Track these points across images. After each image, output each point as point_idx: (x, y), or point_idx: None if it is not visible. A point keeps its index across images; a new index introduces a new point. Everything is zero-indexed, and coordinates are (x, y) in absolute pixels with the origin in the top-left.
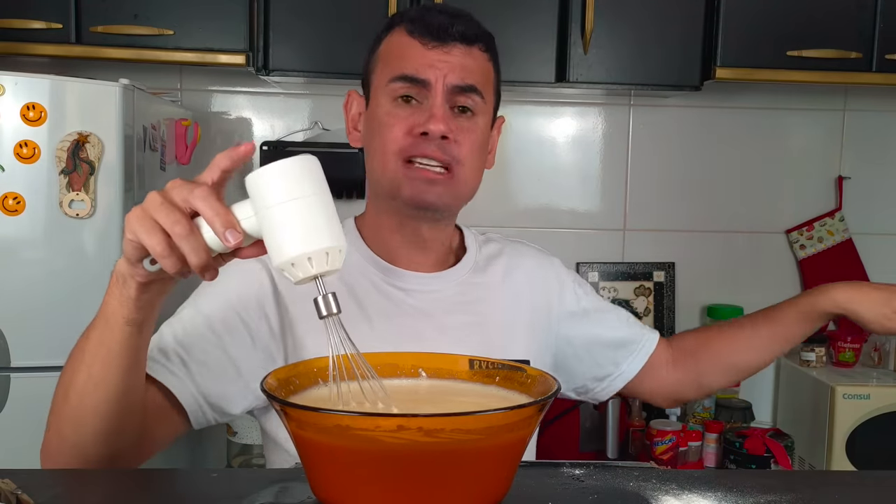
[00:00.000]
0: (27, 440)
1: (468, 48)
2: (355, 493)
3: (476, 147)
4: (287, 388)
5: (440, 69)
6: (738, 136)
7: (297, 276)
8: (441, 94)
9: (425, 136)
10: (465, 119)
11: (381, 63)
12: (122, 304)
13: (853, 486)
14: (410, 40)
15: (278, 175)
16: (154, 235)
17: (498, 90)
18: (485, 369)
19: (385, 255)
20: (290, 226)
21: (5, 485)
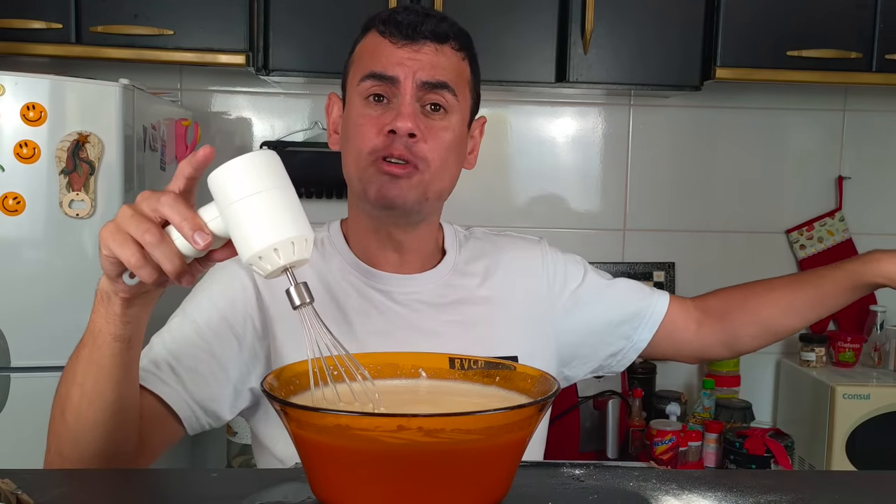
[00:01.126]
0: (27, 440)
1: (439, 46)
2: (355, 493)
3: (447, 145)
4: (287, 389)
5: (409, 66)
6: (738, 136)
7: (265, 269)
8: (410, 92)
9: (393, 134)
10: (436, 117)
11: (354, 65)
12: (109, 321)
13: (853, 486)
14: (381, 40)
15: (236, 171)
16: (127, 247)
17: (476, 90)
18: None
19: (365, 257)
20: (254, 220)
21: (5, 485)
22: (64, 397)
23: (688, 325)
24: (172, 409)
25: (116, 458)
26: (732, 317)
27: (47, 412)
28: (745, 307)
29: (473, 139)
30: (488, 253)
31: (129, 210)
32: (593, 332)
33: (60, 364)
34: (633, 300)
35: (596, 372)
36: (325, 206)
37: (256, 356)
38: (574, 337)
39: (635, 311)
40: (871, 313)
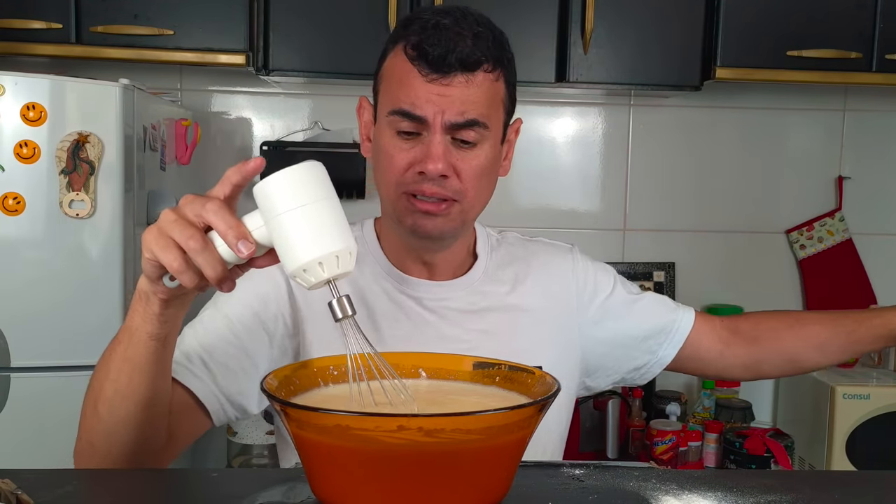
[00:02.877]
0: (27, 440)
1: (470, 76)
2: (355, 493)
3: (480, 175)
4: (288, 389)
5: (438, 104)
6: (738, 136)
7: (309, 281)
8: (440, 132)
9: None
10: (467, 150)
11: (384, 84)
12: (147, 321)
13: (853, 486)
14: (410, 68)
15: (283, 183)
16: (170, 252)
17: (511, 98)
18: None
19: (397, 262)
20: (299, 232)
21: (5, 485)
22: (97, 391)
23: (713, 343)
24: (202, 402)
25: (146, 451)
26: (761, 344)
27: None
28: (776, 336)
29: (509, 143)
30: (519, 258)
31: (172, 214)
32: (619, 345)
33: (60, 364)
34: (660, 314)
35: (618, 384)
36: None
37: (285, 353)
38: (600, 348)
39: (662, 327)
40: None
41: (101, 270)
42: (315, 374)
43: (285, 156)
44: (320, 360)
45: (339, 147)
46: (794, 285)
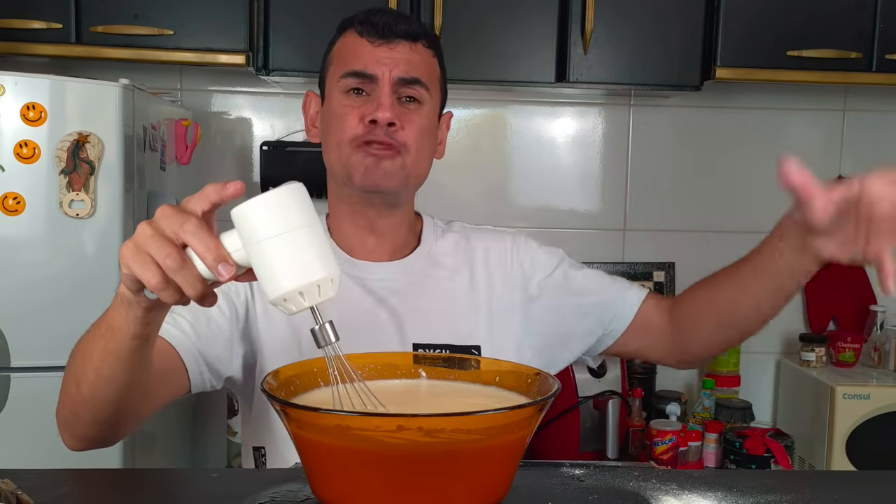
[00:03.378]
0: (27, 440)
1: (412, 44)
2: (355, 493)
3: (422, 132)
4: (288, 389)
5: (386, 64)
6: (738, 136)
7: (290, 310)
8: (388, 86)
9: (374, 123)
10: (411, 107)
11: (334, 63)
12: (129, 323)
13: (853, 486)
14: (359, 39)
15: (264, 209)
16: (148, 269)
17: (444, 86)
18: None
19: (344, 244)
20: (279, 262)
21: (5, 485)
22: (80, 373)
23: (662, 319)
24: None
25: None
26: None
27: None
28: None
29: (442, 131)
30: (462, 245)
31: (149, 229)
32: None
33: (61, 364)
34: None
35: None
36: (324, 205)
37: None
38: (547, 323)
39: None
40: (871, 313)
41: (101, 270)
42: (315, 374)
43: (285, 156)
44: (320, 361)
45: None
46: None
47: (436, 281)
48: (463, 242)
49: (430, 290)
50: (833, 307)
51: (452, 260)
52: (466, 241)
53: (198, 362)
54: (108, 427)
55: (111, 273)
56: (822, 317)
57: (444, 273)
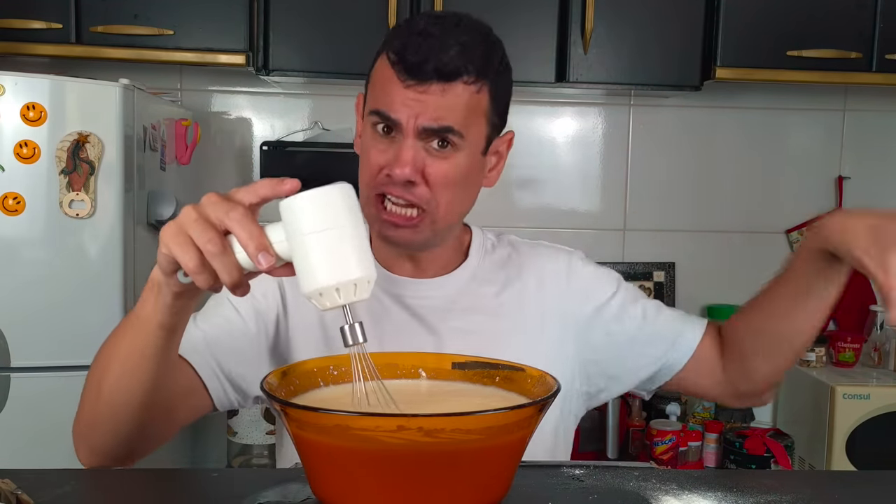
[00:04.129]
0: (27, 440)
1: (447, 85)
2: (355, 493)
3: (450, 183)
4: (288, 389)
5: (412, 108)
6: (738, 136)
7: (324, 304)
8: (412, 136)
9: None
10: (439, 156)
11: (371, 86)
12: (157, 311)
13: (853, 486)
14: (391, 73)
15: (312, 204)
16: (187, 252)
17: (498, 112)
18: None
19: (383, 259)
20: (321, 256)
21: (5, 485)
22: (101, 375)
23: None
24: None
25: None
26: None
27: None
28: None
29: (497, 155)
30: (514, 262)
31: (193, 213)
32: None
33: (60, 364)
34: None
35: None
36: None
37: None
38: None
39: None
40: (871, 313)
41: (101, 270)
42: (315, 374)
43: (285, 156)
44: (320, 361)
45: (339, 147)
46: None
47: (481, 299)
48: (514, 259)
49: (475, 309)
50: (833, 307)
51: (502, 276)
52: (518, 258)
53: (219, 379)
54: (127, 442)
55: (111, 273)
56: None
57: (492, 291)
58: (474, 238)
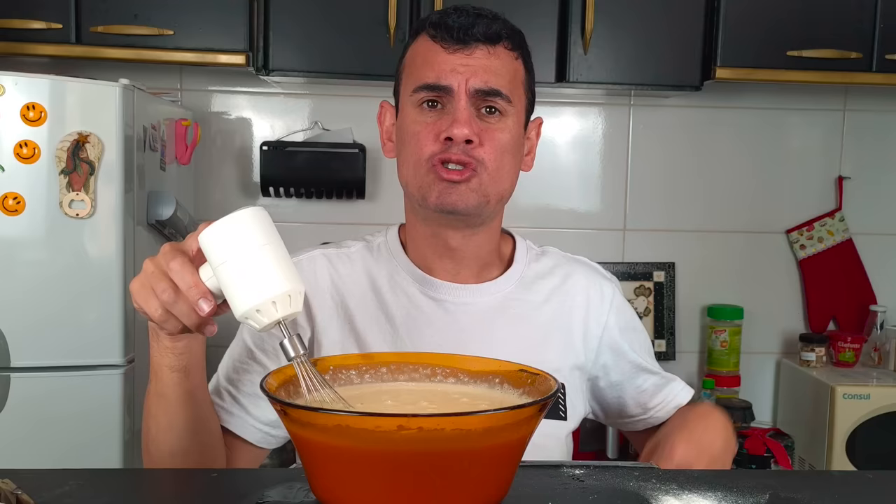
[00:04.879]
0: (27, 440)
1: (492, 48)
2: (355, 493)
3: (504, 148)
4: (288, 390)
5: (462, 73)
6: (738, 136)
7: (262, 322)
8: (465, 98)
9: (450, 140)
10: (492, 120)
11: (406, 72)
12: (163, 354)
13: (853, 486)
14: (433, 45)
15: (218, 234)
16: (150, 303)
17: (531, 89)
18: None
19: (422, 264)
20: (235, 282)
21: (5, 485)
22: (146, 432)
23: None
24: (242, 437)
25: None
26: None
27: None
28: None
29: (530, 140)
30: (558, 273)
31: (151, 265)
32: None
33: (60, 364)
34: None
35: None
36: (325, 206)
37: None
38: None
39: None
40: (871, 313)
41: (101, 270)
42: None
43: (285, 156)
44: (320, 361)
45: (339, 147)
46: (794, 285)
47: (526, 307)
48: (561, 269)
49: (519, 316)
50: (833, 307)
51: (548, 285)
52: (563, 271)
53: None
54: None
55: (111, 273)
56: (822, 317)
57: (538, 299)
58: (518, 246)
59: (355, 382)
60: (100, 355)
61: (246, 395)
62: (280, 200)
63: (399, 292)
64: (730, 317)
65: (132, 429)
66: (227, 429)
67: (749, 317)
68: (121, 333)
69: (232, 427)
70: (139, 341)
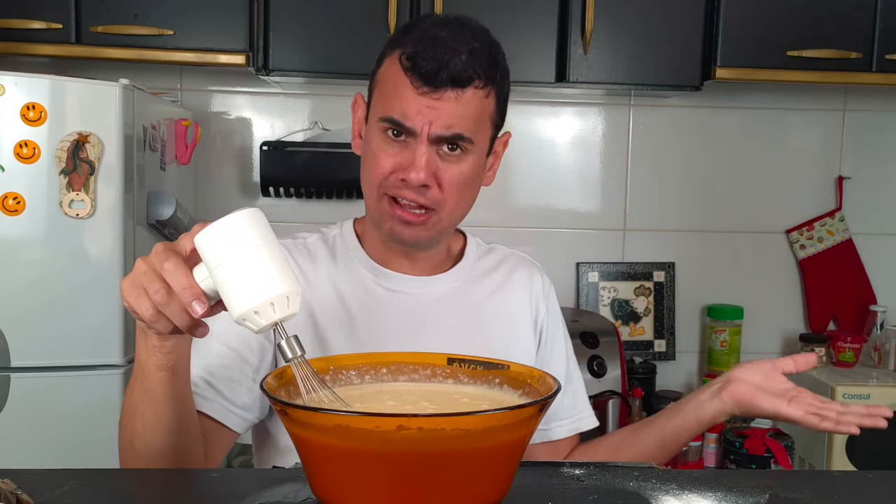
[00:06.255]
0: (27, 440)
1: (460, 92)
2: (355, 493)
3: (460, 185)
4: (288, 389)
5: (427, 117)
6: (739, 136)
7: (259, 323)
8: (425, 143)
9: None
10: (452, 158)
11: (378, 88)
12: (150, 353)
13: (853, 486)
14: (403, 78)
15: (214, 236)
16: (141, 303)
17: (500, 114)
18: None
19: (377, 257)
20: (249, 276)
21: (5, 485)
22: (129, 429)
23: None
24: (218, 420)
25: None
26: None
27: (47, 412)
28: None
29: (496, 154)
30: (504, 268)
31: (143, 265)
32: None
33: (60, 364)
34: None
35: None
36: (325, 206)
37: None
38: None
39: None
40: (871, 313)
41: (101, 270)
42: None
43: (285, 156)
44: (319, 361)
45: (339, 147)
46: (794, 285)
47: (474, 297)
48: (506, 264)
49: (468, 305)
50: (833, 307)
51: (495, 278)
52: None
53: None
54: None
55: (111, 273)
56: (822, 317)
57: (485, 290)
58: (469, 242)
59: (355, 383)
60: (100, 355)
61: (220, 379)
62: (280, 200)
63: (356, 284)
64: (730, 317)
65: None
66: (204, 414)
67: (749, 317)
68: (121, 333)
69: (210, 412)
70: None
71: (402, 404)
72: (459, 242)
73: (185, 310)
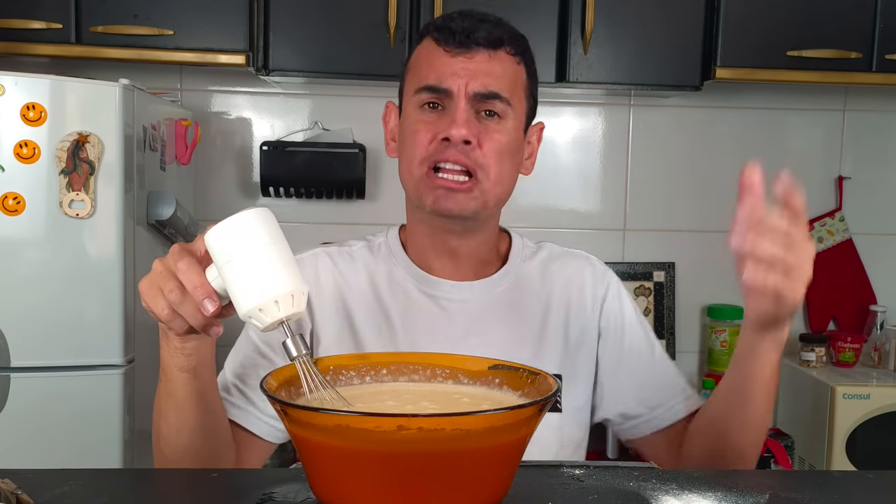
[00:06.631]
0: (27, 440)
1: (493, 52)
2: (355, 493)
3: (502, 151)
4: (289, 390)
5: (462, 76)
6: (738, 136)
7: (265, 321)
8: (464, 101)
9: (448, 141)
10: (491, 123)
11: (410, 73)
12: (172, 355)
13: (853, 486)
14: (436, 48)
15: (223, 234)
16: (158, 303)
17: (532, 94)
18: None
19: (421, 262)
20: (239, 282)
21: (5, 485)
22: (157, 433)
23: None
24: (250, 430)
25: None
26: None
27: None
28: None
29: (531, 145)
30: (553, 269)
31: (160, 265)
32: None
33: (60, 364)
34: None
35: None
36: (325, 206)
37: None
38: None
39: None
40: (871, 313)
41: (101, 270)
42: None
43: (285, 156)
44: (319, 361)
45: (339, 147)
46: None
47: (522, 302)
48: (555, 265)
49: (512, 313)
50: (833, 307)
51: (540, 283)
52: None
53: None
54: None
55: (111, 273)
56: (822, 317)
57: (533, 294)
58: (514, 244)
59: (356, 383)
60: (100, 355)
61: (253, 388)
62: (280, 200)
63: (397, 290)
64: (730, 317)
65: (132, 429)
66: (235, 423)
67: None
68: (121, 333)
69: (240, 421)
70: (139, 341)
71: (403, 404)
72: (505, 244)
73: (199, 309)
